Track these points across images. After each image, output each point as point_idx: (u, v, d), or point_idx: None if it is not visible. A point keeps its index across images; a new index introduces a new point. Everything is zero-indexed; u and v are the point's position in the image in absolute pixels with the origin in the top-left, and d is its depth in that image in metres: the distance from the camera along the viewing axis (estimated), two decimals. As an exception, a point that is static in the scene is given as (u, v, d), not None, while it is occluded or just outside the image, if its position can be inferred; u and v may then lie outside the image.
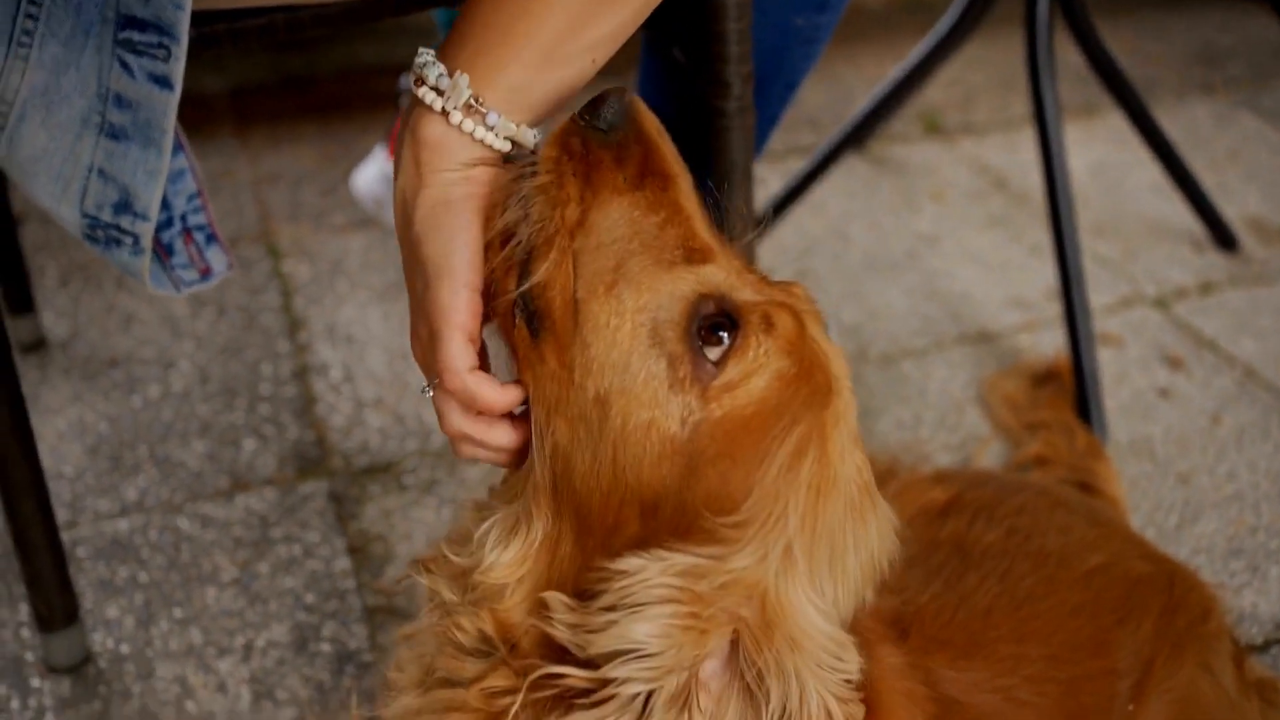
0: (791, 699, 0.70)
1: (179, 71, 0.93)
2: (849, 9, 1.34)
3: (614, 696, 0.70)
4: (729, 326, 0.74)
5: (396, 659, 0.88)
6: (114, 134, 0.97)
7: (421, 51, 0.82)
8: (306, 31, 1.04)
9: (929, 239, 2.20)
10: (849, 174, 2.39)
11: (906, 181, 2.39)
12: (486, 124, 0.79)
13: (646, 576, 0.71)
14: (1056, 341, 1.87)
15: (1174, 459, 1.69)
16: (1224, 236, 2.17)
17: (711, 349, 0.74)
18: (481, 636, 0.78)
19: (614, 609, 0.71)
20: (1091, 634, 1.03)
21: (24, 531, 1.24)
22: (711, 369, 0.73)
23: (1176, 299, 2.05)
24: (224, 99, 2.57)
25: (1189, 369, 1.87)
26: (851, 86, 2.75)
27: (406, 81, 2.22)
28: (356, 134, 2.44)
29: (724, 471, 0.73)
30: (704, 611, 0.70)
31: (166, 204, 1.09)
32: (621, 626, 0.70)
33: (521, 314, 0.77)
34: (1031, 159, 2.34)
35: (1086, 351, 1.72)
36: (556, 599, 0.74)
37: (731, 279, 0.77)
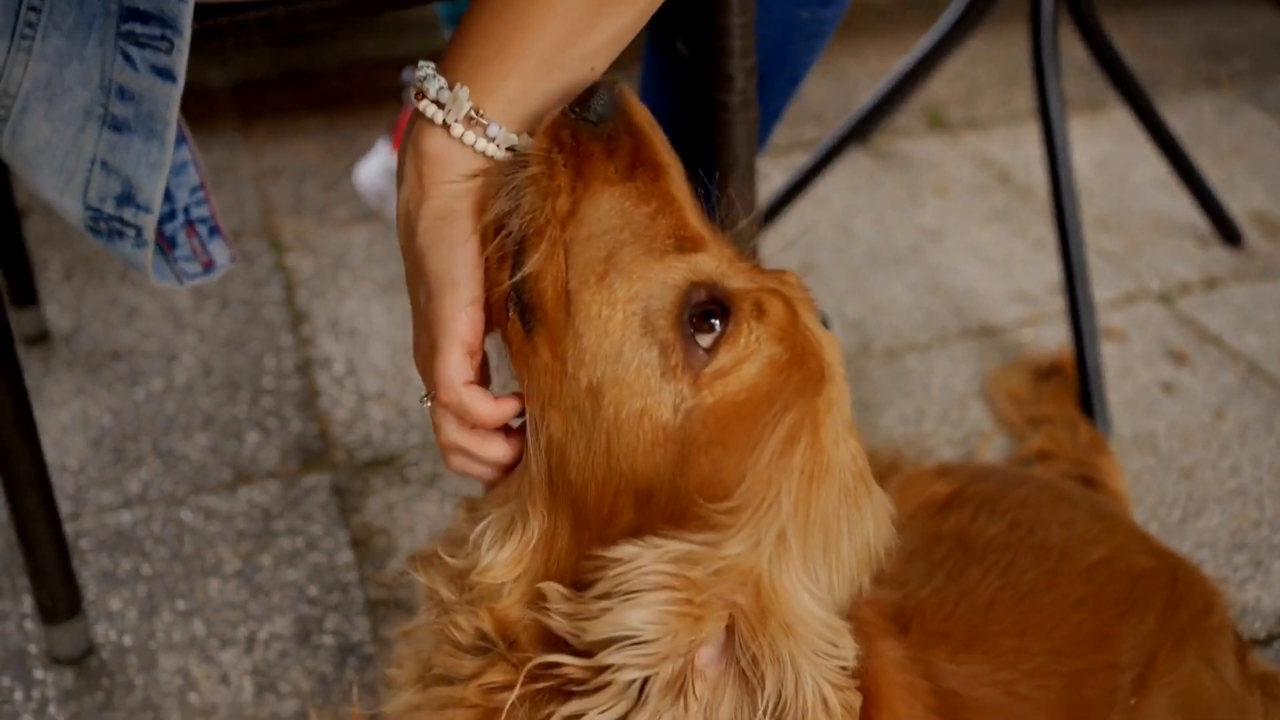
0: (787, 685, 0.70)
1: (182, 64, 0.93)
2: (853, 3, 1.34)
3: (610, 684, 0.70)
4: (721, 314, 0.74)
5: (395, 655, 0.89)
6: (117, 126, 0.97)
7: (422, 65, 0.82)
8: (308, 25, 1.04)
9: (932, 233, 2.20)
10: (852, 168, 2.38)
11: (910, 176, 2.39)
12: (487, 135, 0.79)
13: (641, 564, 0.71)
14: (1060, 336, 1.87)
15: (1177, 454, 1.69)
16: (1228, 231, 2.17)
17: (703, 336, 0.74)
18: (479, 634, 0.78)
19: (609, 596, 0.71)
20: (1093, 628, 1.03)
21: (27, 524, 1.25)
22: (703, 356, 0.73)
23: (1180, 294, 2.05)
24: (227, 93, 2.58)
25: (1193, 364, 1.87)
26: (855, 81, 2.74)
27: (409, 75, 2.22)
28: (359, 128, 2.44)
29: (717, 458, 0.73)
30: (698, 598, 0.70)
31: (169, 196, 1.09)
32: (616, 613, 0.70)
33: (515, 307, 0.77)
34: (1035, 153, 2.34)
35: (1090, 346, 1.72)
36: (553, 589, 0.74)
37: (723, 267, 0.77)
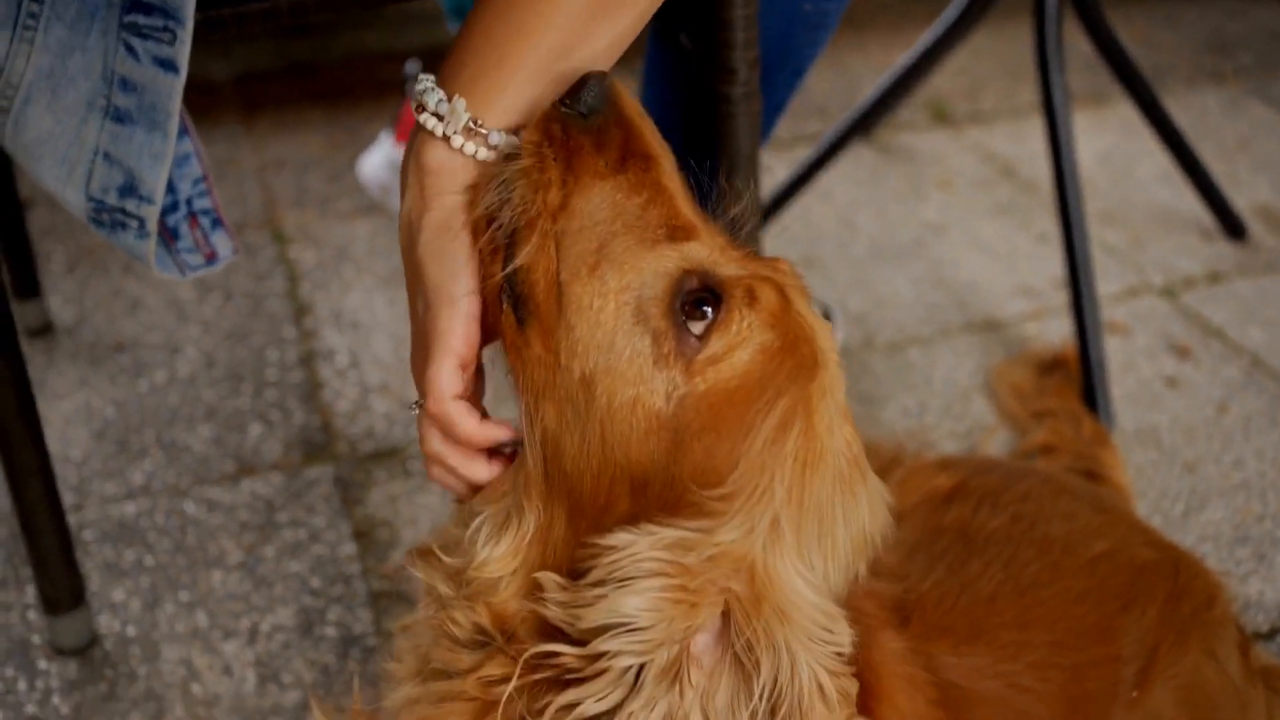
0: (782, 671, 0.70)
1: (184, 55, 0.93)
2: (856, -5, 1.33)
3: (605, 671, 0.70)
4: (713, 301, 0.74)
5: (395, 650, 0.89)
6: (119, 117, 0.97)
7: (422, 78, 0.82)
8: (310, 16, 1.04)
9: (936, 227, 2.20)
10: (856, 162, 2.38)
11: (914, 170, 2.39)
12: (488, 144, 0.80)
13: (635, 550, 0.71)
14: (1063, 330, 1.87)
15: (1180, 447, 1.69)
16: (1233, 225, 2.17)
17: (696, 324, 0.74)
18: (477, 629, 0.78)
19: (603, 584, 0.71)
20: (1096, 620, 1.03)
21: (31, 515, 1.25)
22: (695, 343, 0.74)
23: (1184, 288, 2.04)
24: (230, 85, 2.58)
25: (1196, 358, 1.87)
26: (859, 74, 2.74)
27: (412, 68, 2.22)
28: (362, 120, 2.44)
29: (709, 445, 0.73)
30: (692, 584, 0.71)
31: (172, 188, 1.09)
32: (611, 600, 0.70)
33: (508, 299, 0.77)
34: (1039, 147, 2.33)
35: (1094, 340, 1.72)
36: (549, 579, 0.75)
37: (715, 255, 0.77)
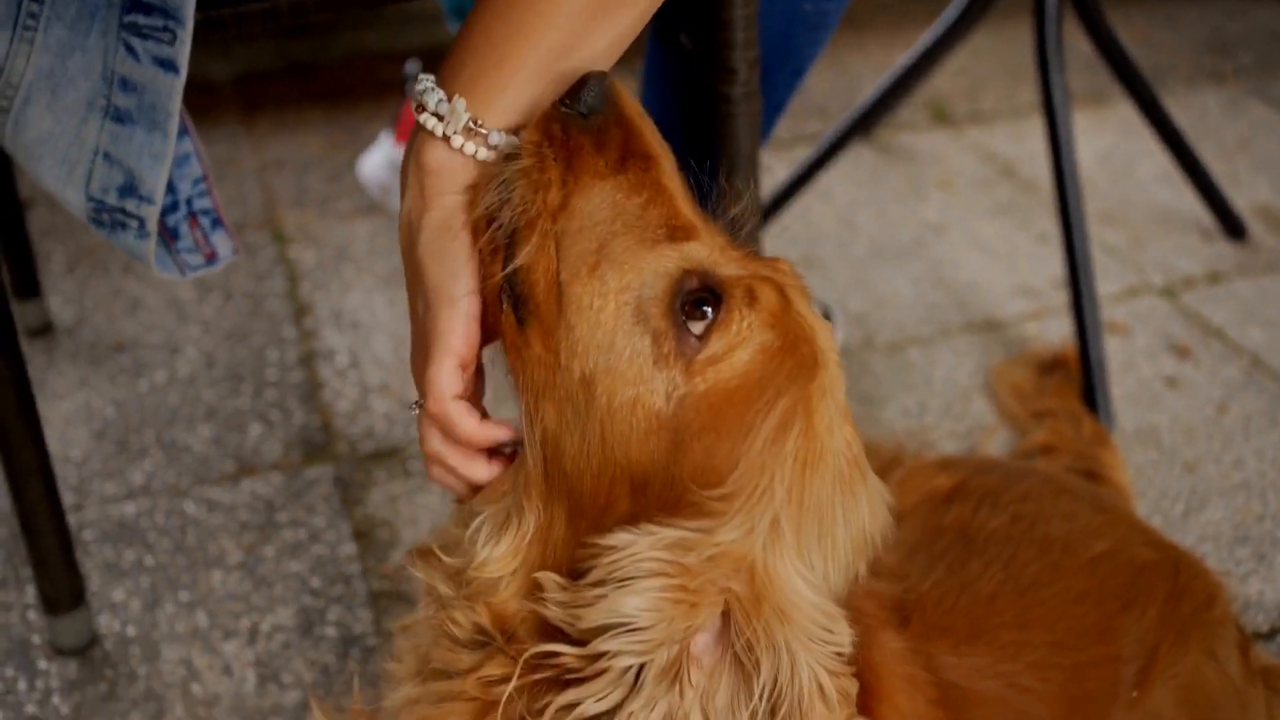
0: (782, 672, 0.70)
1: (184, 55, 0.93)
2: (856, -5, 1.33)
3: (605, 671, 0.70)
4: (713, 301, 0.74)
5: (395, 650, 0.89)
6: (119, 117, 0.97)
7: (422, 78, 0.82)
8: (310, 16, 1.04)
9: (936, 227, 2.20)
10: (856, 162, 2.38)
11: (914, 170, 2.39)
12: (488, 144, 0.80)
13: (635, 550, 0.71)
14: (1063, 330, 1.87)
15: (1181, 447, 1.69)
16: (1233, 225, 2.16)
17: (696, 324, 0.74)
18: (477, 629, 0.78)
19: (603, 584, 0.71)
20: (1096, 620, 1.03)
21: (31, 515, 1.25)
22: (695, 343, 0.74)
23: (1184, 288, 2.04)
24: (230, 85, 2.58)
25: (1196, 358, 1.87)
26: (859, 74, 2.74)
27: (413, 68, 2.22)
28: (362, 120, 2.44)
29: (709, 445, 0.73)
30: (692, 584, 0.71)
31: (172, 188, 1.09)
32: (611, 600, 0.70)
33: (508, 299, 0.77)
34: (1039, 147, 2.33)
35: (1094, 340, 1.72)
36: (549, 579, 0.75)
37: (715, 254, 0.77)
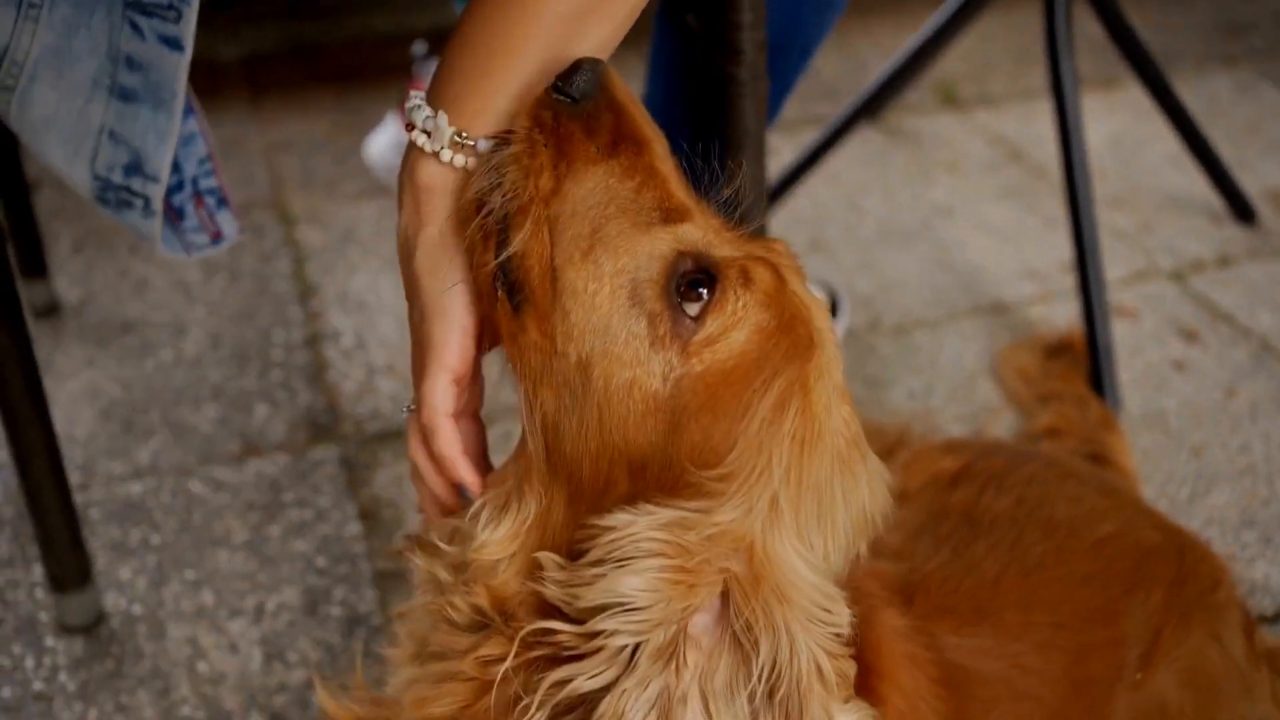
0: (781, 652, 0.70)
1: (190, 33, 0.93)
2: (864, -25, 1.32)
3: (601, 649, 0.70)
4: (708, 282, 0.74)
5: (394, 635, 0.89)
6: (125, 96, 0.97)
7: (412, 95, 0.82)
8: (317, -6, 1.03)
9: (943, 210, 2.19)
10: (863, 144, 2.37)
11: (921, 152, 2.38)
12: (477, 154, 0.80)
13: (634, 530, 0.71)
14: (1071, 313, 1.87)
15: (1188, 431, 1.68)
16: (1242, 209, 2.15)
17: (691, 305, 0.74)
18: (475, 611, 0.78)
19: (602, 563, 0.71)
20: (1100, 603, 1.03)
21: (37, 493, 1.25)
22: (691, 324, 0.74)
23: (1193, 271, 2.03)
24: (237, 67, 2.57)
25: (1204, 342, 1.86)
26: (867, 56, 2.73)
27: (419, 49, 2.21)
28: (369, 102, 2.44)
29: (707, 426, 0.73)
30: (690, 564, 0.71)
31: (178, 167, 1.09)
32: (609, 580, 0.70)
33: (502, 286, 0.77)
34: (1047, 130, 2.32)
35: (1101, 324, 1.71)
36: (549, 558, 0.75)
37: (709, 236, 0.77)
